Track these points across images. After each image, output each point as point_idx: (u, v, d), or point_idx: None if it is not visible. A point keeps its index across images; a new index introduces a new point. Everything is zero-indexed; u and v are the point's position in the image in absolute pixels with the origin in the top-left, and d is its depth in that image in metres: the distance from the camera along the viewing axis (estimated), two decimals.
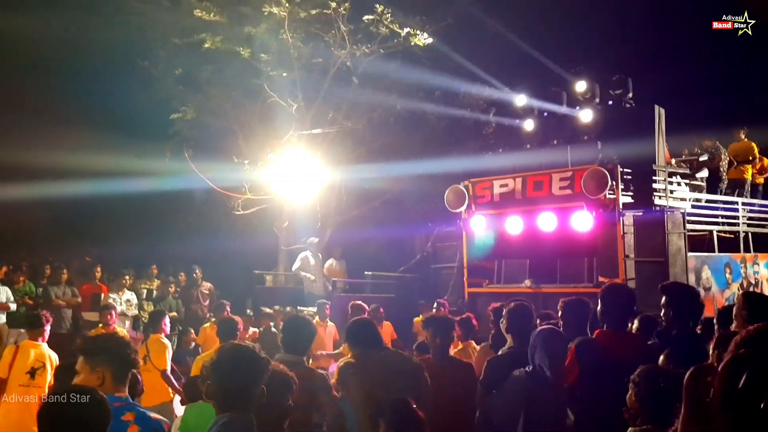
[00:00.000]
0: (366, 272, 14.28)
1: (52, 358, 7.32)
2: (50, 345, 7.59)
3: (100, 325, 9.41)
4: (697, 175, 12.84)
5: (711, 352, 3.80)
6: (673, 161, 12.53)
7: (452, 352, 8.24)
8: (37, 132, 15.76)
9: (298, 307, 11.96)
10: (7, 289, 12.09)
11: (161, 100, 15.18)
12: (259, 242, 16.00)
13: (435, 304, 10.52)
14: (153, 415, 3.48)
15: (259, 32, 13.80)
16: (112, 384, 3.42)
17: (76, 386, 3.07)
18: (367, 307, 9.80)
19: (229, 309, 10.42)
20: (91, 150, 15.40)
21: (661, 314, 5.07)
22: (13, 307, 12.00)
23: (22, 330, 10.87)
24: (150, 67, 14.93)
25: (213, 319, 10.52)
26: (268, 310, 11.46)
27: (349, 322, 5.38)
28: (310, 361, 7.77)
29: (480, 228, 11.87)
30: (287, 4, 13.18)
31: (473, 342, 8.14)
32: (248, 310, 11.73)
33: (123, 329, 10.31)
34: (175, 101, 14.96)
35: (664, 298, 5.03)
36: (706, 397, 2.31)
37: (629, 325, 5.60)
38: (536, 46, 15.61)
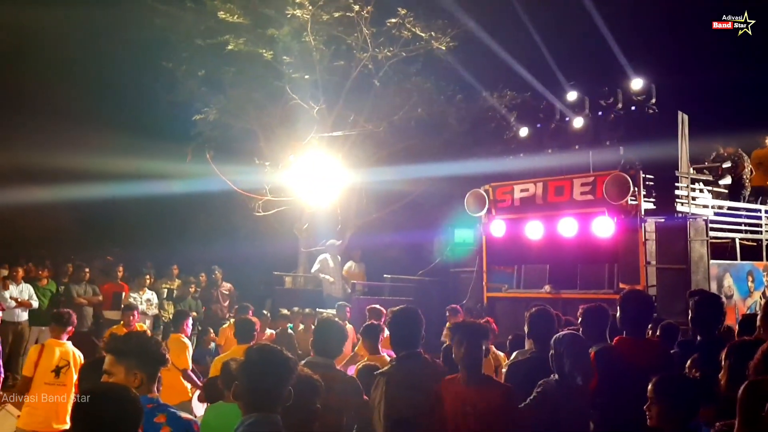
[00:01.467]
0: (385, 275, 14.29)
1: (77, 356, 7.38)
2: (71, 343, 7.65)
3: (122, 323, 9.51)
4: (720, 182, 12.74)
5: (723, 361, 3.78)
6: (691, 169, 12.41)
7: None
8: (61, 134, 15.93)
9: (317, 309, 12.00)
10: (29, 286, 12.22)
11: (184, 101, 15.28)
12: (279, 244, 16.06)
13: (447, 312, 10.45)
14: (183, 415, 3.50)
15: (281, 34, 13.87)
16: (146, 385, 3.44)
17: (110, 384, 3.10)
18: (384, 311, 9.78)
19: (252, 311, 10.46)
20: (113, 152, 15.56)
21: (689, 319, 5.07)
22: (36, 304, 12.13)
23: (44, 328, 11.02)
24: (173, 69, 15.04)
25: (233, 320, 10.56)
26: (285, 311, 11.49)
27: (391, 315, 4.96)
28: None
29: (500, 232, 11.84)
30: (310, 7, 13.24)
31: (493, 347, 8.12)
32: (265, 311, 11.75)
33: (144, 326, 10.40)
34: (198, 103, 15.05)
35: (690, 305, 5.01)
36: (761, 410, 2.29)
37: (648, 331, 5.58)
38: (558, 51, 15.54)
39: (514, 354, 6.44)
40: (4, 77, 17.11)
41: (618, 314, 5.15)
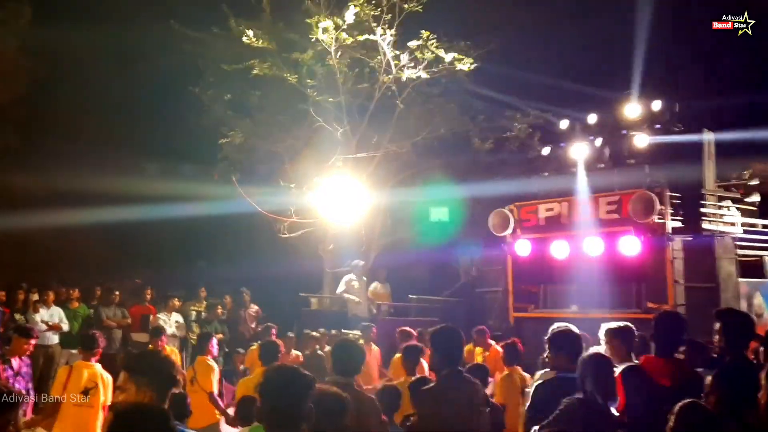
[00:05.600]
0: (410, 296, 14.28)
1: (105, 378, 7.43)
2: (100, 365, 7.73)
3: (150, 346, 9.60)
4: (748, 200, 12.61)
5: (763, 381, 3.76)
6: (718, 187, 12.29)
7: (497, 377, 8.26)
8: (90, 159, 16.22)
9: (343, 330, 12.01)
10: (59, 309, 12.39)
11: (210, 125, 15.53)
12: (305, 265, 16.13)
13: (474, 332, 10.42)
14: None
15: (306, 58, 14.06)
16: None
17: (144, 404, 3.15)
18: (414, 333, 9.79)
19: (275, 332, 10.51)
20: (141, 175, 15.84)
21: (715, 340, 5.01)
22: (66, 327, 12.28)
23: (74, 350, 11.16)
24: (200, 93, 15.31)
25: (260, 342, 10.63)
26: (315, 333, 11.51)
27: (432, 334, 5.11)
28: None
29: (525, 252, 11.81)
30: (334, 31, 13.38)
31: (519, 368, 8.08)
32: (289, 333, 11.80)
33: (175, 349, 10.47)
34: (224, 126, 15.28)
35: (718, 325, 4.95)
36: None
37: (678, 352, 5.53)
38: (584, 70, 15.55)
39: (538, 374, 6.42)
40: (38, 103, 17.52)
41: (652, 333, 5.12)
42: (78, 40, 16.44)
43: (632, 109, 12.39)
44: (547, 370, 6.14)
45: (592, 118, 12.91)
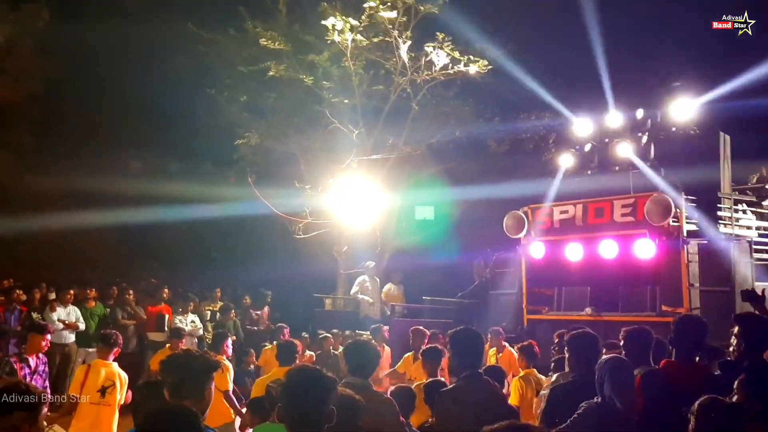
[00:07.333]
0: (424, 297, 14.28)
1: (122, 376, 7.48)
2: (117, 364, 7.77)
3: (168, 345, 9.67)
4: (764, 203, 12.54)
5: None
6: (734, 191, 12.23)
7: (511, 380, 8.25)
8: (107, 160, 16.35)
9: (356, 331, 12.03)
10: (76, 308, 12.47)
11: (226, 127, 15.61)
12: (319, 266, 16.19)
13: (489, 332, 10.40)
14: None
15: (321, 60, 14.11)
16: None
17: (174, 406, 3.16)
18: (428, 332, 9.79)
19: (287, 332, 10.55)
20: (158, 176, 15.89)
21: (732, 344, 4.97)
22: (82, 326, 12.37)
23: (91, 349, 11.24)
24: (216, 95, 15.38)
25: (275, 342, 10.67)
26: (326, 334, 11.54)
27: (452, 335, 4.99)
28: None
29: (539, 254, 11.78)
30: (350, 32, 13.42)
31: (535, 370, 8.07)
32: (304, 333, 11.83)
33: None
34: (240, 128, 15.35)
35: (737, 329, 4.91)
36: None
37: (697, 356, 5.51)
38: (598, 72, 15.50)
39: (555, 376, 6.39)
40: (53, 104, 17.65)
41: (672, 337, 5.09)
42: (94, 41, 16.56)
43: (649, 112, 12.34)
44: (561, 372, 6.13)
45: (609, 120, 12.86)
